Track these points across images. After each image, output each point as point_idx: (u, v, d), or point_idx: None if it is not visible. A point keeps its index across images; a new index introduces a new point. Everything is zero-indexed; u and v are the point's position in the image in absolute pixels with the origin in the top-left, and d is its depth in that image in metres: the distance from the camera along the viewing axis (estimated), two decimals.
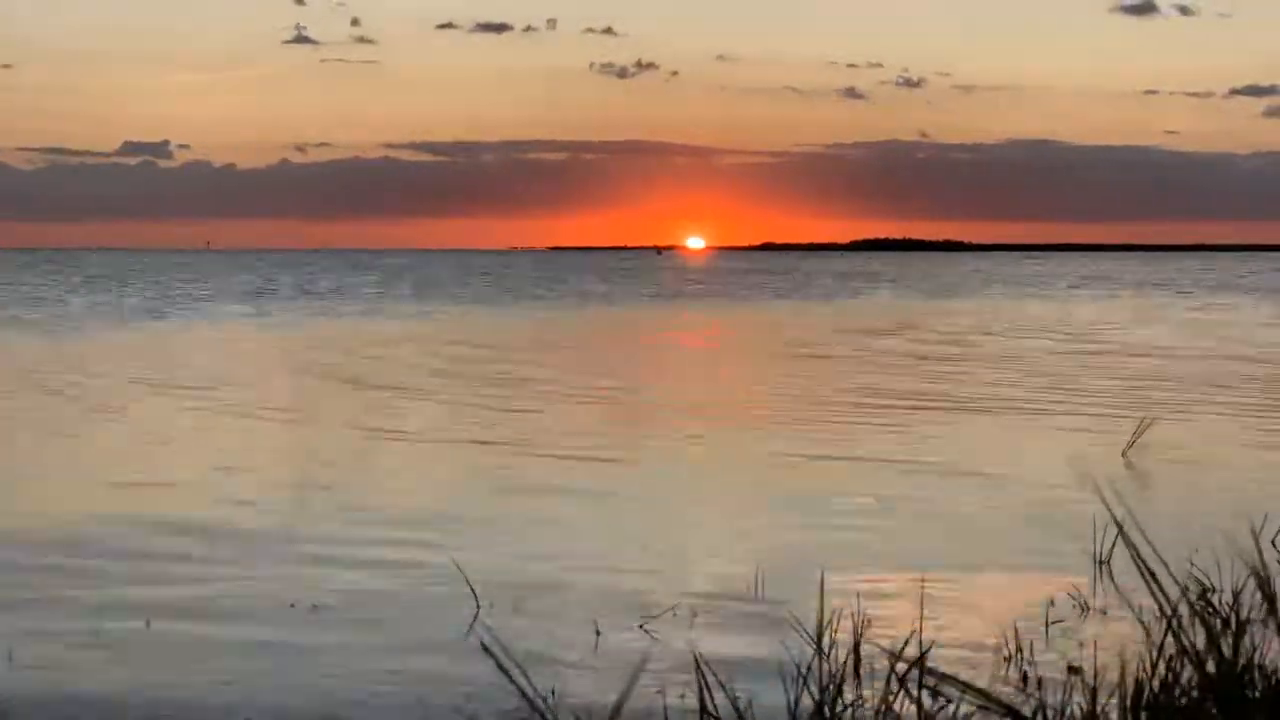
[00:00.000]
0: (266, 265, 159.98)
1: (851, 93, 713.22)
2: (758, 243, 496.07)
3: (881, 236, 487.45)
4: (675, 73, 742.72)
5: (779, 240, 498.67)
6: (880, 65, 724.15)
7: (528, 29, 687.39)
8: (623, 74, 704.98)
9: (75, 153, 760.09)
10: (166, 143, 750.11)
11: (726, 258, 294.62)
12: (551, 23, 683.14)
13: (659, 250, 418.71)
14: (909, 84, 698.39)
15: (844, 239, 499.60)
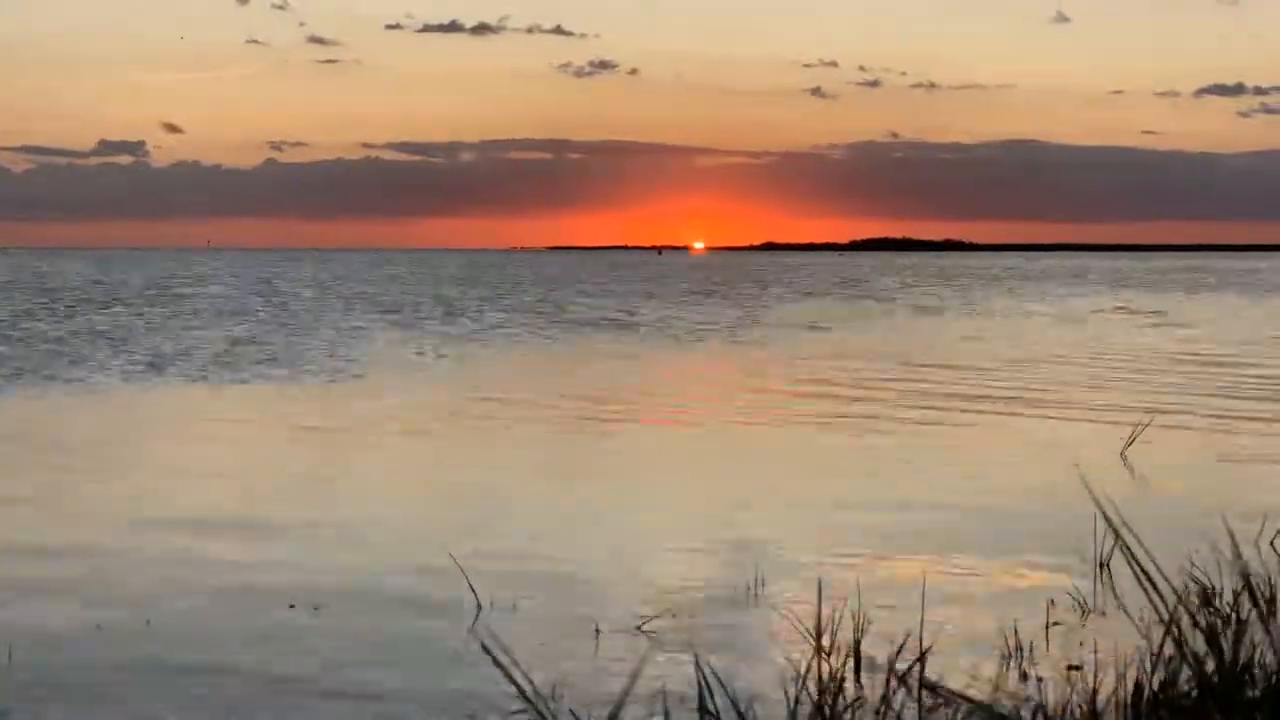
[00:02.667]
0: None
1: (818, 92, 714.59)
2: (759, 242, 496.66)
3: (879, 236, 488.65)
4: (635, 71, 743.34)
5: (780, 240, 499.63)
6: (835, 64, 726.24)
7: (479, 27, 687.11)
8: (580, 73, 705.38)
9: (54, 152, 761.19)
10: (143, 143, 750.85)
11: (733, 257, 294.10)
12: (503, 20, 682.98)
13: (659, 250, 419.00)
14: (870, 84, 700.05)
15: (842, 239, 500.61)
